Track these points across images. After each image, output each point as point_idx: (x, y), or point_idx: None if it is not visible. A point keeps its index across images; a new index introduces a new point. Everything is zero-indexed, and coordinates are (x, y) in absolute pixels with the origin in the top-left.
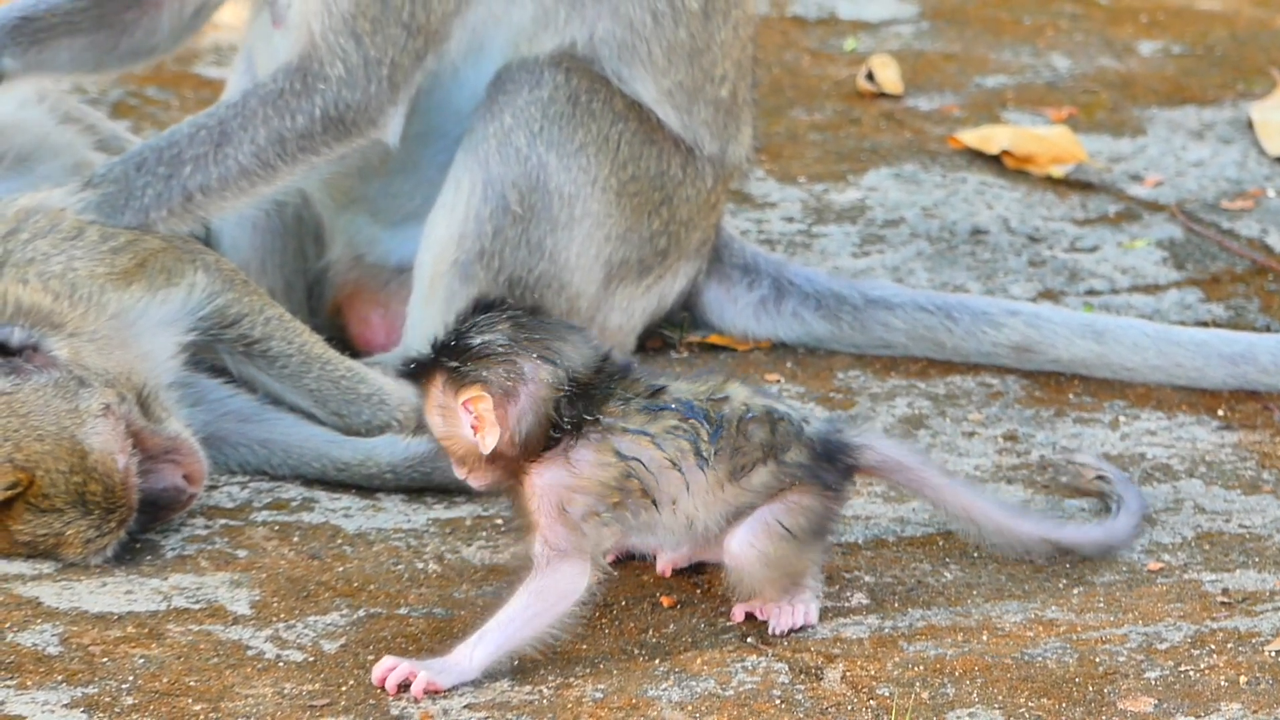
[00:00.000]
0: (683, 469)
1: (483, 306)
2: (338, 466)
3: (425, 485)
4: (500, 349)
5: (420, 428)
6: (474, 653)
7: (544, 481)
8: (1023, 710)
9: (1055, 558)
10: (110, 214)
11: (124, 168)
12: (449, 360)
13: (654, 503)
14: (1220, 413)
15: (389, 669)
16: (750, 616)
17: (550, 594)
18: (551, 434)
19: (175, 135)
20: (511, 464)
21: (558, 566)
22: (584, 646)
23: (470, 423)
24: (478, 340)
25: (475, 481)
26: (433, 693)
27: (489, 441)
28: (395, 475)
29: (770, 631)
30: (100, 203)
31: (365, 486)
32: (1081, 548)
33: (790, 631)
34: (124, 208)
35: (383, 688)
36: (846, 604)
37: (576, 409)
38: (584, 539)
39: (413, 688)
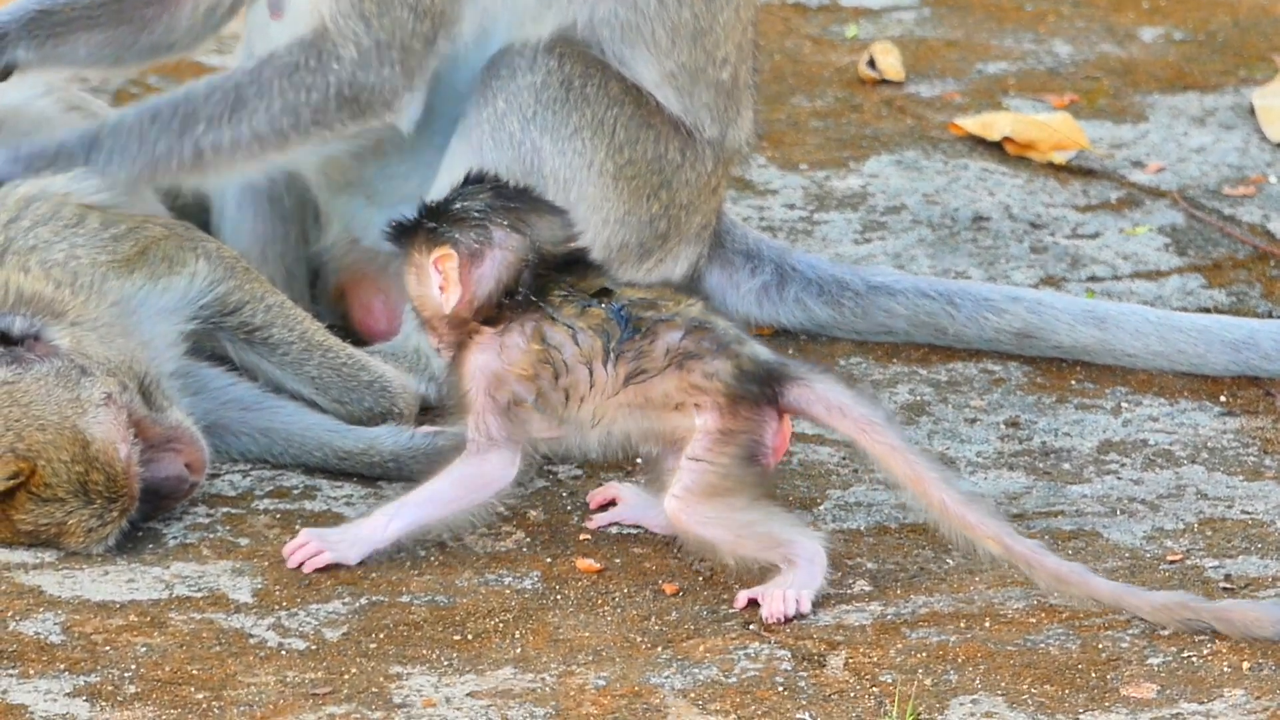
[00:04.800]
0: (591, 366)
1: (473, 179)
2: (340, 455)
3: (427, 474)
4: (476, 215)
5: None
6: (390, 524)
7: (478, 361)
8: (1025, 697)
9: (1003, 562)
10: (120, 163)
11: (138, 117)
12: (429, 221)
13: (566, 395)
14: (1222, 399)
15: (299, 545)
16: (753, 603)
17: (476, 480)
18: (504, 302)
19: (191, 92)
20: (464, 333)
21: (487, 454)
22: (586, 634)
23: (439, 283)
24: (458, 205)
25: (434, 342)
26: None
27: (450, 300)
28: (397, 464)
29: (763, 619)
30: (111, 149)
31: (367, 475)
32: (1034, 568)
33: (785, 620)
34: (135, 157)
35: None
36: (849, 591)
37: (531, 285)
38: (512, 426)
39: (313, 561)
